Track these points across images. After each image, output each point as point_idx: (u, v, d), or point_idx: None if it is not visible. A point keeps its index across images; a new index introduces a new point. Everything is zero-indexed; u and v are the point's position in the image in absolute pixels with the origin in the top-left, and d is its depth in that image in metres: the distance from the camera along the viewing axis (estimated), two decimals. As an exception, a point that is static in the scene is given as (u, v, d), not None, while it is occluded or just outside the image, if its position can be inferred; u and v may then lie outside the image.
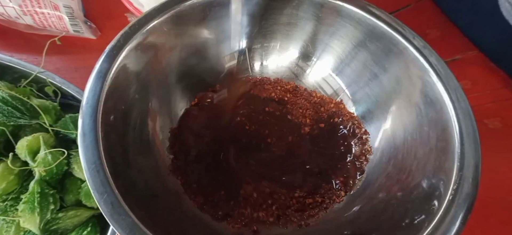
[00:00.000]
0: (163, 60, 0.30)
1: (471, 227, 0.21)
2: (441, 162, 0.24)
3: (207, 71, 0.34)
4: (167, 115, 0.32)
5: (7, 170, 0.24)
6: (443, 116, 0.25)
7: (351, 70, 0.33)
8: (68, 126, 0.27)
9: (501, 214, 0.32)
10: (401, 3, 0.45)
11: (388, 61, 0.30)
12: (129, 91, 0.26)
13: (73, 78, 0.30)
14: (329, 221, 0.29)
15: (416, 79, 0.28)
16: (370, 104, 0.33)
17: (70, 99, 0.30)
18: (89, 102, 0.22)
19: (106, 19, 0.42)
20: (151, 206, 0.23)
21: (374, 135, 0.32)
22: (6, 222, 0.24)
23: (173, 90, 0.32)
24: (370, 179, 0.30)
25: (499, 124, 0.37)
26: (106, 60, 0.24)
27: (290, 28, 0.34)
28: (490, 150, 0.32)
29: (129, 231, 0.19)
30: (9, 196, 0.24)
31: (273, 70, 0.37)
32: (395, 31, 0.29)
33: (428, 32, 0.43)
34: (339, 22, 0.31)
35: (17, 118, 0.26)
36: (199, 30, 0.31)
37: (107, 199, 0.20)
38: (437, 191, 0.23)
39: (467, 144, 0.24)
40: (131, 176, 0.23)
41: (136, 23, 0.27)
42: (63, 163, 0.25)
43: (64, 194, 0.26)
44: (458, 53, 0.42)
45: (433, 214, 0.22)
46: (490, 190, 0.32)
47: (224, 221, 0.28)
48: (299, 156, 0.32)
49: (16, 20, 0.37)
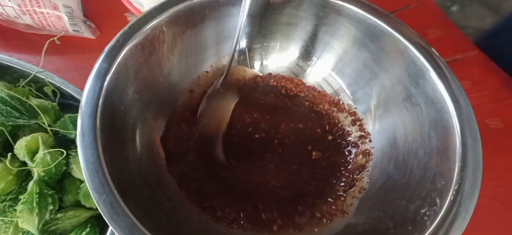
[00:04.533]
0: (162, 60, 0.30)
1: (472, 227, 0.21)
2: (442, 162, 0.24)
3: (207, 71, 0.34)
4: (166, 115, 0.32)
5: (5, 170, 0.24)
6: (444, 116, 0.25)
7: (351, 69, 0.33)
8: (67, 126, 0.27)
9: (503, 214, 0.31)
10: (401, 3, 0.45)
11: (389, 60, 0.30)
12: (128, 91, 0.26)
13: (72, 78, 0.30)
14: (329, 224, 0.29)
15: (417, 79, 0.28)
16: (370, 104, 0.33)
17: (69, 99, 0.30)
18: (88, 102, 0.22)
19: (105, 18, 0.41)
20: (150, 207, 0.23)
21: (375, 135, 0.32)
22: (4, 222, 0.24)
23: (173, 90, 0.32)
24: (371, 179, 0.30)
25: (500, 124, 0.37)
26: (105, 60, 0.24)
27: (290, 27, 0.34)
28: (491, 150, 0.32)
29: (128, 232, 0.19)
30: (7, 196, 0.24)
31: (273, 70, 0.36)
32: (395, 30, 0.29)
33: (428, 31, 0.43)
34: (340, 22, 0.31)
35: (16, 118, 0.26)
36: (198, 30, 0.31)
37: (106, 200, 0.20)
38: (439, 191, 0.23)
39: (468, 144, 0.23)
40: (131, 176, 0.23)
41: (136, 22, 0.27)
42: (62, 163, 0.25)
43: (63, 194, 0.26)
44: (458, 53, 0.42)
45: (435, 215, 0.22)
46: (491, 190, 0.32)
47: (223, 222, 0.28)
48: (299, 158, 0.32)
49: (15, 19, 0.37)
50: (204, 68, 0.34)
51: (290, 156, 0.32)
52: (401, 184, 0.27)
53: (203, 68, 0.34)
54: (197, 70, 0.34)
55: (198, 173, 0.30)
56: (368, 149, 0.32)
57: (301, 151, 0.33)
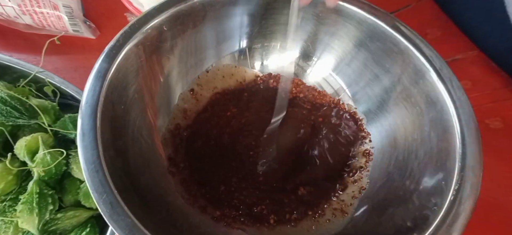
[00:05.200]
0: (162, 60, 0.30)
1: (473, 227, 0.21)
2: (442, 162, 0.24)
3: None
4: (166, 115, 0.32)
5: (5, 170, 0.24)
6: (444, 116, 0.25)
7: (351, 70, 0.33)
8: (67, 126, 0.27)
9: (503, 214, 0.31)
10: (401, 3, 0.45)
11: (389, 61, 0.30)
12: (128, 91, 0.26)
13: (73, 78, 0.30)
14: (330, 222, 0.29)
15: (417, 79, 0.28)
16: (370, 104, 0.33)
17: (69, 99, 0.30)
18: (89, 102, 0.22)
19: (105, 18, 0.41)
20: (150, 207, 0.23)
21: (375, 135, 0.32)
22: (4, 222, 0.24)
23: (173, 90, 0.32)
24: (371, 179, 0.30)
25: (500, 124, 0.37)
26: (105, 60, 0.24)
27: (290, 28, 0.34)
28: (491, 150, 0.32)
29: (128, 232, 0.19)
30: (7, 196, 0.24)
31: (273, 70, 0.36)
32: (395, 30, 0.29)
33: (428, 32, 0.43)
34: (340, 22, 0.31)
35: (16, 118, 0.26)
36: (199, 29, 0.31)
37: (106, 199, 0.20)
38: (439, 191, 0.23)
39: (468, 144, 0.23)
40: (131, 176, 0.23)
41: (136, 22, 0.27)
42: (62, 163, 0.25)
43: (63, 194, 0.26)
44: (458, 53, 0.42)
45: (435, 214, 0.22)
46: (492, 190, 0.32)
47: (222, 222, 0.28)
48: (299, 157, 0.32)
49: (15, 19, 0.37)
50: (204, 68, 0.34)
51: (289, 155, 0.32)
52: (401, 184, 0.27)
53: (203, 68, 0.34)
54: (197, 70, 0.34)
55: (198, 173, 0.30)
56: (368, 149, 0.32)
57: (300, 151, 0.33)
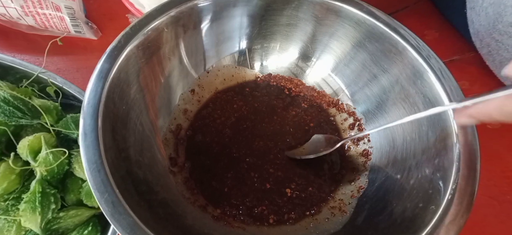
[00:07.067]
0: (163, 61, 0.30)
1: (470, 226, 0.21)
2: (440, 162, 0.24)
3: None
4: (167, 115, 0.32)
5: (8, 170, 0.24)
6: (441, 116, 0.25)
7: (350, 70, 0.34)
8: (69, 126, 0.27)
9: (500, 213, 0.32)
10: (399, 4, 0.46)
11: (387, 61, 0.30)
12: (130, 91, 0.26)
13: (75, 78, 0.30)
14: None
15: (415, 80, 0.28)
16: (369, 104, 0.33)
17: (71, 99, 0.30)
18: (90, 102, 0.23)
19: (107, 20, 0.42)
20: (152, 206, 0.23)
21: (374, 135, 0.32)
22: (7, 221, 0.24)
23: (173, 90, 0.32)
24: (370, 178, 0.30)
25: (497, 124, 0.37)
26: (107, 60, 0.25)
27: (290, 29, 0.34)
28: (488, 150, 0.33)
29: (130, 231, 0.19)
30: (10, 195, 0.25)
31: (273, 71, 0.37)
32: (394, 32, 0.29)
33: (426, 33, 0.44)
34: (339, 23, 0.32)
35: (18, 118, 0.26)
36: (199, 31, 0.31)
37: (108, 198, 0.20)
38: (436, 190, 0.23)
39: (465, 144, 0.24)
40: (132, 176, 0.24)
41: (137, 23, 0.27)
42: (64, 162, 0.25)
43: (65, 193, 0.26)
44: (456, 54, 0.42)
45: (433, 213, 0.22)
46: (489, 189, 0.33)
47: (223, 221, 0.28)
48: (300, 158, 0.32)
49: (18, 20, 0.38)
50: (205, 69, 0.34)
51: (289, 155, 0.32)
52: (400, 183, 0.27)
53: (204, 69, 0.34)
54: (197, 70, 0.34)
55: (199, 172, 0.30)
56: (367, 149, 0.32)
57: (300, 151, 0.33)
